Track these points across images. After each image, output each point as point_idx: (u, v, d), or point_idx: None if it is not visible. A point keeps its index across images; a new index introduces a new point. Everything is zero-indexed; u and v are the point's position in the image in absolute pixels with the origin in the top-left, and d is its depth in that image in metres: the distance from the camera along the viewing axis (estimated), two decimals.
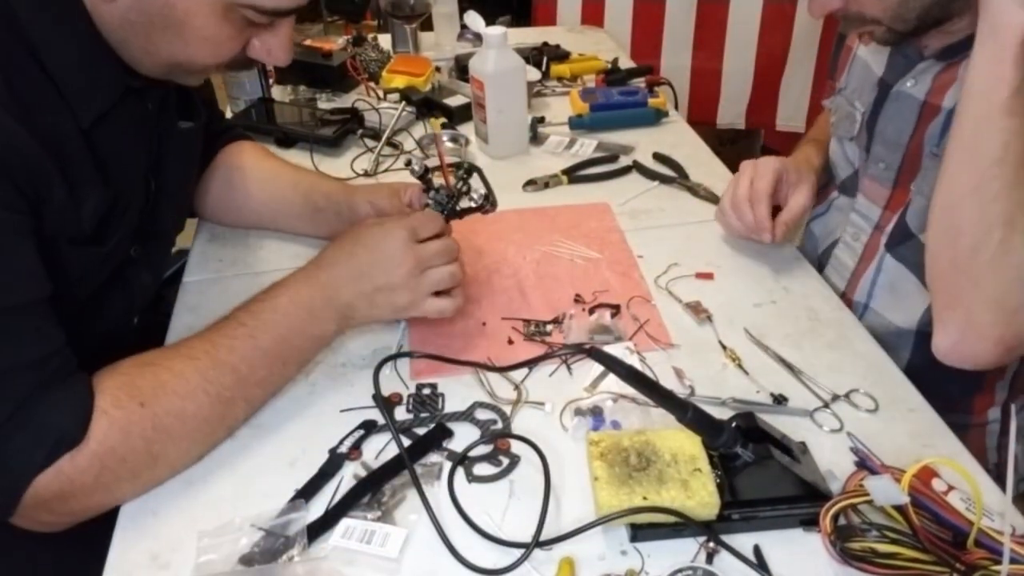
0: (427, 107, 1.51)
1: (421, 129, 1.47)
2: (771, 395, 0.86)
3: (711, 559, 0.69)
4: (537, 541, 0.69)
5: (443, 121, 1.48)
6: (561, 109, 1.57)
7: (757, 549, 0.70)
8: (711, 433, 0.73)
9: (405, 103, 1.48)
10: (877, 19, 0.91)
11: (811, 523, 0.71)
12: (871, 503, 0.69)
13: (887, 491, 0.67)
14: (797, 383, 0.89)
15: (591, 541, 0.71)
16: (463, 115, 1.48)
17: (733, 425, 0.75)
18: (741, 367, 0.91)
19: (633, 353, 0.92)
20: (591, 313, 0.99)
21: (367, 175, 1.32)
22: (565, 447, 0.80)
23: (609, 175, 1.33)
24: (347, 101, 1.56)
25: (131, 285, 0.92)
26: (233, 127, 1.21)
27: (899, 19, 0.89)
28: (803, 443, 0.79)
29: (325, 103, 1.58)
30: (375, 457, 0.79)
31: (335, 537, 0.71)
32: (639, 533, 0.71)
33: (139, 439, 0.73)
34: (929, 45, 0.97)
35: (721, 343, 0.94)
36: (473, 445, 0.79)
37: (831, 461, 0.78)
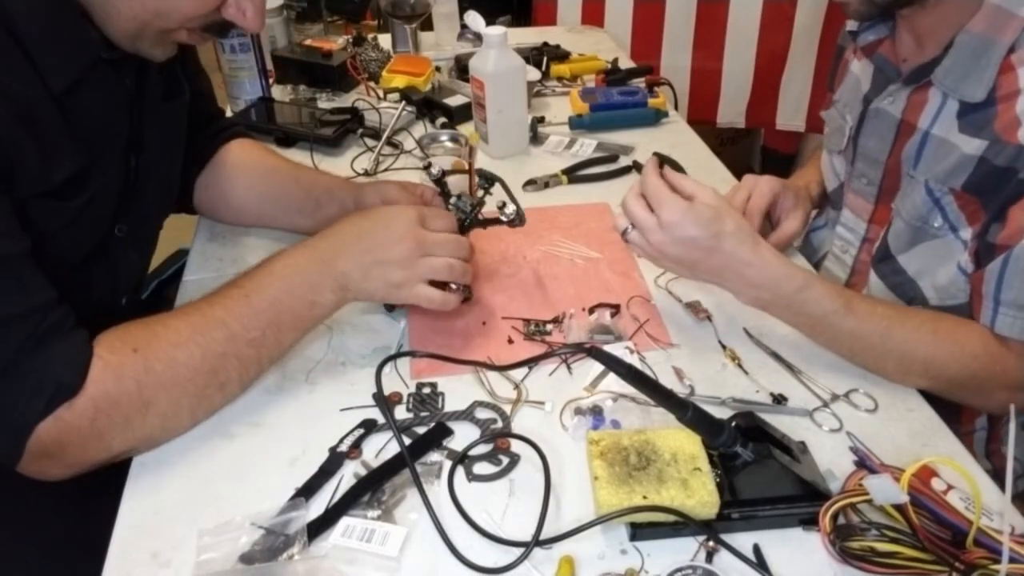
0: (427, 107, 1.51)
1: (421, 129, 1.47)
2: (771, 395, 0.87)
3: (711, 558, 0.69)
4: (537, 540, 0.69)
5: (443, 121, 1.49)
6: (561, 109, 1.57)
7: (757, 548, 0.70)
8: (711, 432, 0.73)
9: (405, 103, 1.48)
10: None
11: (811, 522, 0.71)
12: (871, 502, 0.69)
13: (886, 490, 0.67)
14: (797, 383, 0.89)
15: (591, 540, 0.71)
16: (463, 115, 1.48)
17: (733, 424, 0.75)
18: (741, 367, 0.91)
19: (633, 353, 0.92)
20: (591, 313, 0.99)
21: (367, 174, 1.33)
22: (565, 446, 0.80)
23: (609, 175, 1.33)
24: (347, 101, 1.56)
25: (116, 264, 0.93)
26: (234, 125, 1.21)
27: None
28: (803, 443, 0.79)
29: (325, 103, 1.58)
30: (375, 456, 0.79)
31: (335, 536, 0.71)
32: (639, 532, 0.71)
33: (131, 382, 0.75)
34: (908, 60, 0.98)
35: (721, 343, 0.94)
36: (473, 444, 0.79)
37: (831, 461, 0.78)
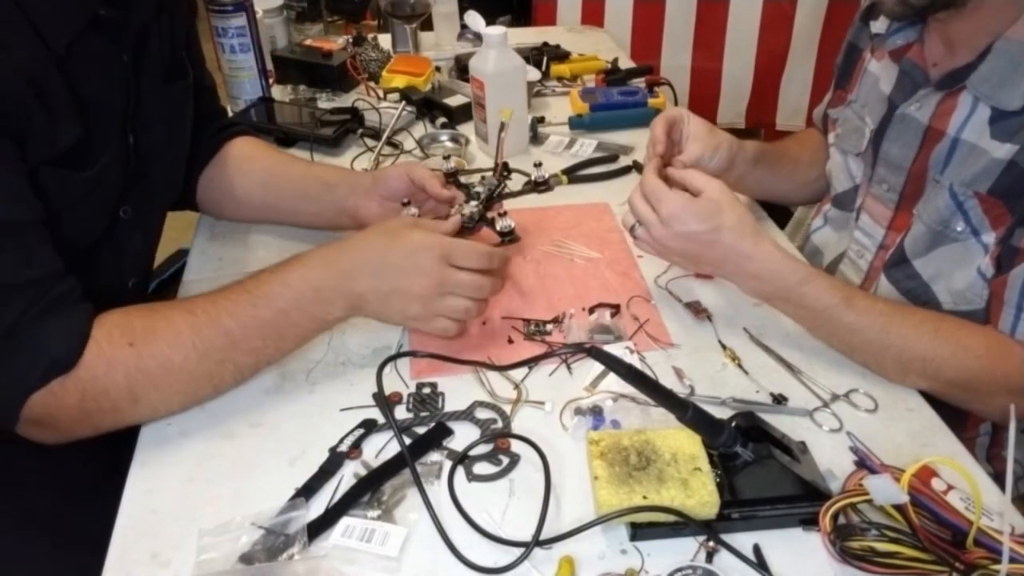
0: (427, 107, 1.51)
1: (421, 129, 1.47)
2: (771, 395, 0.87)
3: (711, 558, 0.69)
4: (537, 540, 0.69)
5: (443, 121, 1.49)
6: (561, 109, 1.57)
7: (757, 548, 0.70)
8: (711, 432, 0.73)
9: (405, 103, 1.48)
10: None
11: (811, 522, 0.71)
12: (871, 502, 0.69)
13: (887, 490, 0.67)
14: (797, 383, 0.89)
15: (591, 540, 0.71)
16: (463, 115, 1.48)
17: (733, 424, 0.75)
18: (741, 367, 0.91)
19: (633, 353, 0.92)
20: (591, 313, 0.99)
21: None
22: (565, 446, 0.80)
23: (609, 175, 1.33)
24: (347, 101, 1.56)
25: (123, 247, 0.94)
26: (237, 123, 1.21)
27: None
28: (803, 443, 0.79)
29: (325, 103, 1.58)
30: (375, 456, 0.79)
31: (335, 536, 0.71)
32: (639, 532, 0.71)
33: (122, 376, 0.76)
34: (938, 64, 0.96)
35: (721, 343, 0.94)
36: (473, 444, 0.79)
37: (831, 461, 0.78)
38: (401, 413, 0.85)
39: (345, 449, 0.80)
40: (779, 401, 0.86)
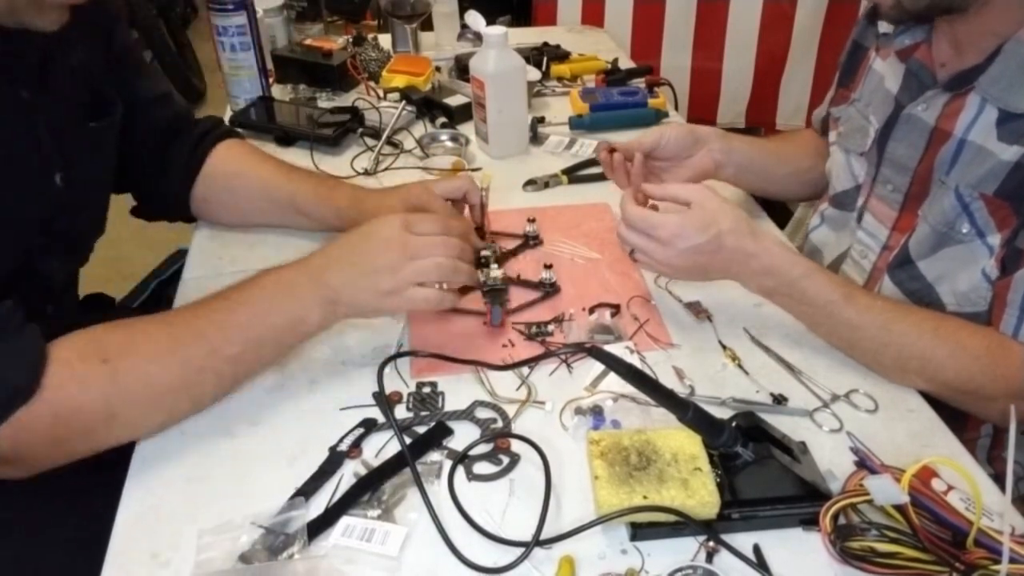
0: (427, 107, 1.51)
1: (421, 129, 1.47)
2: (771, 395, 0.87)
3: (711, 558, 0.69)
4: (537, 540, 0.69)
5: (443, 121, 1.49)
6: (561, 109, 1.57)
7: (757, 548, 0.70)
8: (711, 432, 0.73)
9: (405, 102, 1.48)
10: None
11: (811, 523, 0.71)
12: (871, 503, 0.69)
13: (887, 491, 0.67)
14: (797, 383, 0.89)
15: (591, 540, 0.71)
16: (463, 115, 1.48)
17: (733, 425, 0.75)
18: (741, 367, 0.91)
19: (633, 353, 0.92)
20: (591, 313, 0.99)
21: (367, 174, 1.32)
22: (565, 446, 0.80)
23: None
24: (347, 100, 1.56)
25: (38, 272, 0.92)
26: (217, 125, 1.17)
27: None
28: (803, 443, 0.79)
29: (325, 102, 1.58)
30: (375, 455, 0.79)
31: (335, 535, 0.71)
32: (639, 532, 0.71)
33: (97, 393, 0.73)
34: (946, 65, 0.96)
35: (721, 343, 0.94)
36: (473, 444, 0.79)
37: (831, 461, 0.78)
38: (401, 412, 0.84)
39: (345, 448, 0.80)
40: (779, 401, 0.86)
